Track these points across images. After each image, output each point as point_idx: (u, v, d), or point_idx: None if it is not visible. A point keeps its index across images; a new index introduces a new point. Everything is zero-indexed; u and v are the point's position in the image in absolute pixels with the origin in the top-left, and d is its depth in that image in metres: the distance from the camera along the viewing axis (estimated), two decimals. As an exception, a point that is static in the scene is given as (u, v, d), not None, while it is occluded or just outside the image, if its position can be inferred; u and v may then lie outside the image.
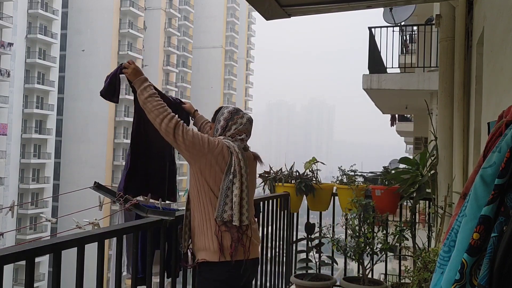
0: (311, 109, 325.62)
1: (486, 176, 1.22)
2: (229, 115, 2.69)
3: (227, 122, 2.68)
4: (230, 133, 2.66)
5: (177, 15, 56.65)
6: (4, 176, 38.04)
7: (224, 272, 2.53)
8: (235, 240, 2.51)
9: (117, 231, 2.41)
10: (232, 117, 2.68)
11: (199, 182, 2.54)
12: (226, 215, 2.48)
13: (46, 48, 43.02)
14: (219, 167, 2.52)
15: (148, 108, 2.50)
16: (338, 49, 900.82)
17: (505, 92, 2.45)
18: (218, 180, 2.52)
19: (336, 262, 4.67)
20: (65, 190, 41.32)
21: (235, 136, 2.66)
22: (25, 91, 41.23)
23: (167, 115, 2.47)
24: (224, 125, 2.67)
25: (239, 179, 2.52)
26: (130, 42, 49.43)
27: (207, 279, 2.57)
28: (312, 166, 4.73)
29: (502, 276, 1.10)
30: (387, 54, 8.86)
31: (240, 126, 2.68)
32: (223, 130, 2.67)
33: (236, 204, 2.49)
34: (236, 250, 2.51)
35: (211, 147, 2.51)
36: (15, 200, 2.97)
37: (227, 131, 2.67)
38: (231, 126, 2.67)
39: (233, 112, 2.71)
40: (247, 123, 2.71)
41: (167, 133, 2.46)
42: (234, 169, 2.52)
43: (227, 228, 2.51)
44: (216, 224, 2.50)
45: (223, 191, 2.50)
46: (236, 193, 2.50)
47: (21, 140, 40.71)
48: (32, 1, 41.52)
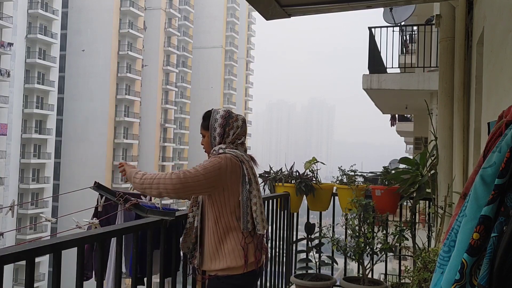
0: (311, 109, 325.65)
1: (486, 176, 1.22)
2: (223, 120, 2.57)
3: (223, 128, 2.56)
4: (229, 139, 2.57)
5: (177, 15, 56.65)
6: (4, 176, 38.03)
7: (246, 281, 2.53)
8: (259, 248, 2.54)
9: (117, 231, 2.40)
10: (227, 122, 2.57)
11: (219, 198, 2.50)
12: (249, 225, 2.48)
13: (46, 48, 43.02)
14: (236, 182, 2.50)
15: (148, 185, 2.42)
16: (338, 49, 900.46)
17: (505, 92, 2.45)
18: (236, 193, 2.50)
19: (336, 262, 4.67)
20: (65, 190, 41.31)
21: (234, 141, 2.58)
22: (25, 91, 41.23)
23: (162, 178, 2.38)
24: (222, 132, 2.56)
25: (255, 188, 2.52)
26: (130, 42, 49.44)
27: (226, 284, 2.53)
28: (312, 166, 4.72)
29: (502, 276, 1.10)
30: (387, 54, 8.89)
31: (237, 129, 2.59)
32: (222, 137, 2.57)
33: (258, 212, 2.51)
34: (260, 259, 2.55)
35: (222, 172, 2.44)
36: (15, 200, 2.97)
37: (226, 138, 2.57)
38: (228, 132, 2.57)
39: (226, 116, 2.58)
40: (243, 125, 2.62)
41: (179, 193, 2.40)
42: (249, 178, 2.51)
43: (251, 238, 2.51)
44: (243, 235, 2.49)
45: (243, 203, 2.48)
46: (255, 201, 2.51)
47: (21, 140, 40.70)
48: (32, 1, 41.52)
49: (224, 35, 66.20)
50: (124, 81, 48.56)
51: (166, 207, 2.67)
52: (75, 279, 2.09)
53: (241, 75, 73.11)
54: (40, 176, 42.42)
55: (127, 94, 48.47)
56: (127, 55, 48.20)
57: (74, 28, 47.36)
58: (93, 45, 46.64)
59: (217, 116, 2.59)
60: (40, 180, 42.32)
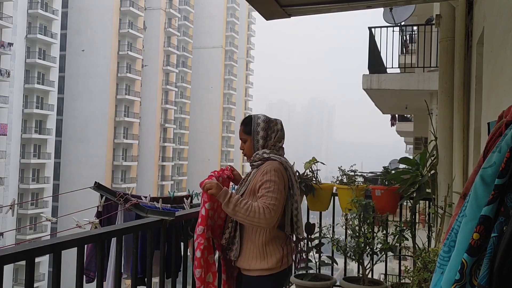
0: (311, 109, 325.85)
1: (486, 176, 1.22)
2: (265, 124, 2.68)
3: (266, 131, 2.68)
4: (271, 142, 2.68)
5: (177, 15, 56.65)
6: (4, 176, 38.02)
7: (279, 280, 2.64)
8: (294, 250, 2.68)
9: (117, 231, 2.40)
10: (269, 125, 2.69)
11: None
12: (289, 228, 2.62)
13: (46, 48, 43.01)
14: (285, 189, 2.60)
15: (241, 219, 2.49)
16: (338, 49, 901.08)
17: (505, 92, 2.45)
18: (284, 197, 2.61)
19: (336, 262, 4.67)
20: (65, 190, 41.29)
21: (276, 144, 2.69)
22: (25, 91, 41.23)
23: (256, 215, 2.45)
24: (265, 135, 2.67)
25: (296, 193, 2.64)
26: (130, 42, 49.45)
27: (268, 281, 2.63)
28: (312, 166, 4.72)
29: (502, 276, 1.10)
30: (387, 54, 8.87)
31: (278, 133, 2.71)
32: (265, 141, 2.67)
33: (299, 217, 2.65)
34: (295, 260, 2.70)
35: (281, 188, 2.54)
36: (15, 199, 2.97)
37: (269, 141, 2.68)
38: (271, 135, 2.68)
39: (267, 120, 2.70)
40: (282, 128, 2.75)
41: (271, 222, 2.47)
42: (292, 183, 2.62)
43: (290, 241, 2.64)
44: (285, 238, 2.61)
45: (288, 207, 2.60)
46: (296, 206, 2.63)
47: (21, 140, 40.70)
48: (32, 1, 41.51)
49: (224, 35, 66.20)
50: (124, 81, 48.56)
51: (166, 208, 2.67)
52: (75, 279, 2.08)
53: (241, 75, 73.10)
54: (40, 176, 42.41)
55: (127, 94, 48.46)
56: (127, 55, 48.20)
57: (74, 28, 47.36)
58: (93, 45, 46.65)
59: (259, 121, 2.70)
60: (40, 180, 42.31)
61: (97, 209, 2.83)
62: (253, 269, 2.58)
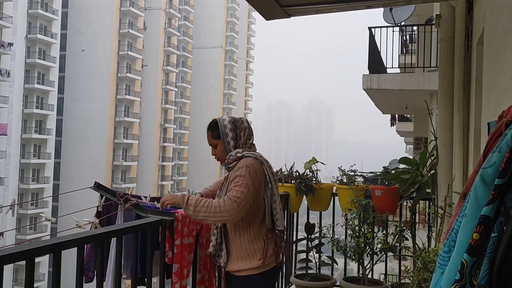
0: (311, 109, 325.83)
1: (486, 176, 1.22)
2: (232, 125, 2.68)
3: (235, 132, 2.67)
4: (242, 141, 2.68)
5: (177, 15, 56.64)
6: (4, 176, 38.03)
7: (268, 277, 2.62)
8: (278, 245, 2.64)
9: (117, 231, 2.40)
10: (236, 125, 2.69)
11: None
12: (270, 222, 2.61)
13: (46, 48, 43.02)
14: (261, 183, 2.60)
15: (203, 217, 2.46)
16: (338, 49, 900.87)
17: (505, 92, 2.45)
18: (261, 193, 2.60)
19: (336, 262, 4.67)
20: (65, 190, 41.31)
21: (246, 142, 2.69)
22: (25, 91, 41.23)
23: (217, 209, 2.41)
24: (234, 136, 2.67)
25: (274, 186, 2.63)
26: (130, 42, 49.44)
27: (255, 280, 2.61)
28: (312, 166, 4.72)
29: (502, 276, 1.10)
30: (387, 54, 8.87)
31: (246, 130, 2.70)
32: (235, 141, 2.67)
33: (278, 209, 2.63)
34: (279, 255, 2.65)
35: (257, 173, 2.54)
36: (15, 199, 2.97)
37: (239, 140, 2.67)
38: (240, 134, 2.68)
39: (233, 121, 2.70)
40: (249, 125, 2.75)
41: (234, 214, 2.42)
42: (269, 177, 2.61)
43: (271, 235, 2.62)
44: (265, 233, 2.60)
45: (267, 201, 2.60)
46: (275, 199, 2.63)
47: (21, 140, 40.70)
48: (32, 1, 41.51)
49: (224, 35, 66.17)
50: (124, 81, 48.55)
51: (166, 208, 2.66)
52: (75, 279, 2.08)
53: (241, 75, 73.10)
54: (40, 176, 42.41)
55: (127, 94, 48.46)
56: (127, 55, 48.20)
57: (74, 28, 47.37)
58: (93, 45, 46.64)
59: (225, 123, 2.70)
60: (40, 180, 42.32)
61: (97, 209, 2.83)
62: (243, 269, 2.59)
